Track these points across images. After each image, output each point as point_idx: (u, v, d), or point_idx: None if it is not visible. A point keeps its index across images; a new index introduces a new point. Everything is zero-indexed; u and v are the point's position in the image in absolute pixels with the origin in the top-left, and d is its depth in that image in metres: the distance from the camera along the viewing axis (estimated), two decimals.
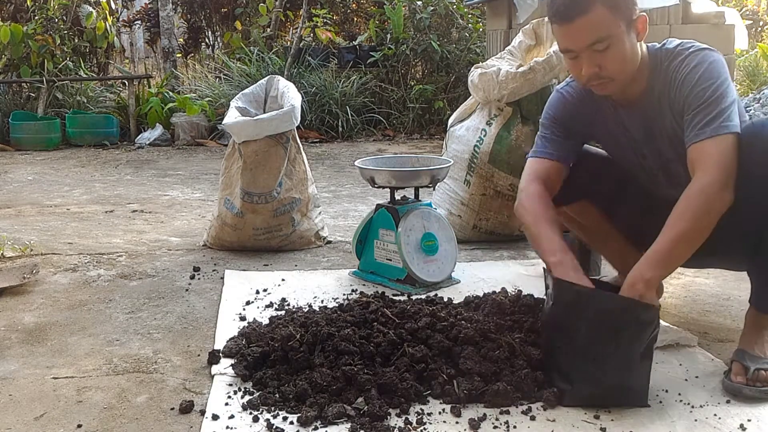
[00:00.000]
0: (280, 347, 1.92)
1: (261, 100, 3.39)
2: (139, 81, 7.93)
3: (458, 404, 1.73)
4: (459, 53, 7.64)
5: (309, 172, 3.29)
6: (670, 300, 2.47)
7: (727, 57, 4.83)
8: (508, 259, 3.03)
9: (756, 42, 8.75)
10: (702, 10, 4.94)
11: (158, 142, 6.99)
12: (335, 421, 1.65)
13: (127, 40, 11.24)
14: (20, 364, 2.04)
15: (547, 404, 1.73)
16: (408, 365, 1.83)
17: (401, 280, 2.63)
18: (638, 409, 1.72)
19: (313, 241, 3.25)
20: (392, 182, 2.66)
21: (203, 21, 10.11)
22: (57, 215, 4.00)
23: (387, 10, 7.85)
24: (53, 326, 2.32)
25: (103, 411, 1.76)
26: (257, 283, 2.68)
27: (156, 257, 3.10)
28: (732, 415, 1.69)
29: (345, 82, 7.37)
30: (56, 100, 7.44)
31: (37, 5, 7.80)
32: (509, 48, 3.39)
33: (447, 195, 3.28)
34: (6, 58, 7.55)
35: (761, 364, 1.79)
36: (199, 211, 4.06)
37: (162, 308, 2.48)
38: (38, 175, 5.49)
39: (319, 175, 4.99)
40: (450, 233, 2.71)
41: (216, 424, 1.68)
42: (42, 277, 2.79)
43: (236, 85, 7.11)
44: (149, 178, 5.29)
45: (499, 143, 3.11)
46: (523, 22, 4.84)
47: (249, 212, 3.08)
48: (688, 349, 2.04)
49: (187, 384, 1.90)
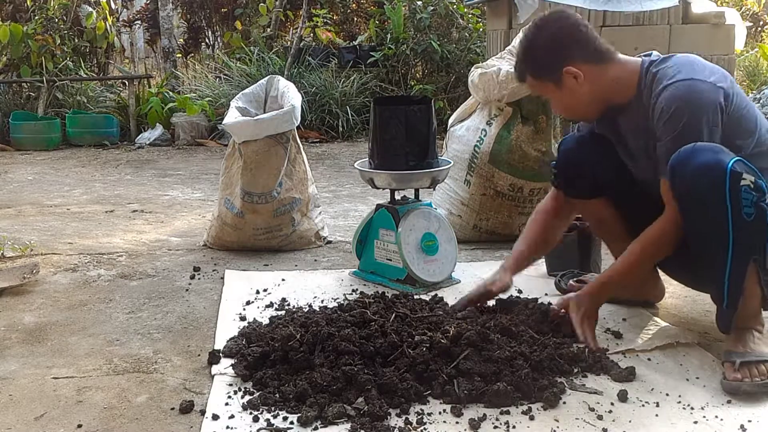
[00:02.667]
0: (280, 347, 1.92)
1: (261, 100, 3.39)
2: (139, 81, 7.92)
3: (458, 404, 1.73)
4: (459, 53, 7.63)
5: (309, 172, 3.28)
6: (671, 300, 2.47)
7: (727, 57, 4.86)
8: None
9: (756, 42, 8.75)
10: (702, 10, 4.93)
11: (158, 142, 6.98)
12: (335, 421, 1.66)
13: (127, 40, 11.23)
14: (20, 364, 2.04)
15: (547, 404, 1.73)
16: (408, 365, 1.83)
17: (401, 280, 2.63)
18: (639, 410, 1.72)
19: (313, 241, 3.25)
20: (392, 184, 2.66)
21: (203, 21, 10.10)
22: (57, 215, 4.00)
23: (387, 10, 7.85)
24: (53, 326, 2.32)
25: (103, 411, 1.76)
26: (257, 283, 2.68)
27: (156, 257, 3.10)
28: (733, 415, 1.69)
29: (345, 82, 7.36)
30: (56, 100, 7.43)
31: (37, 5, 7.80)
32: (509, 48, 3.39)
33: (447, 195, 3.28)
34: (6, 58, 7.55)
35: (746, 357, 1.84)
36: (200, 211, 4.06)
37: (162, 308, 2.48)
38: (38, 175, 5.48)
39: (319, 175, 4.99)
40: (450, 233, 2.71)
41: (216, 424, 1.68)
42: (42, 277, 2.79)
43: (236, 85, 7.10)
44: (149, 178, 5.29)
45: (500, 143, 3.11)
46: (523, 22, 4.83)
47: (249, 212, 3.08)
48: (688, 349, 2.04)
49: (187, 384, 1.90)
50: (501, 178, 3.12)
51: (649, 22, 4.79)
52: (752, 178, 1.78)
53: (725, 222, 1.78)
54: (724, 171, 1.76)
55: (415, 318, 2.09)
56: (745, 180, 1.77)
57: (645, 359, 1.99)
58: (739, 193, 1.76)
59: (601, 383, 1.85)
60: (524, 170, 3.11)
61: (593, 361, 1.93)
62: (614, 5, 4.67)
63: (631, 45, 4.52)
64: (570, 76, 2.03)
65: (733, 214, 1.77)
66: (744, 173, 1.77)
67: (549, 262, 2.77)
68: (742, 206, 1.77)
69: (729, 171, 1.76)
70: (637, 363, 1.93)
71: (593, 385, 1.84)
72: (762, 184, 1.79)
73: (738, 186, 1.76)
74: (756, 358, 1.83)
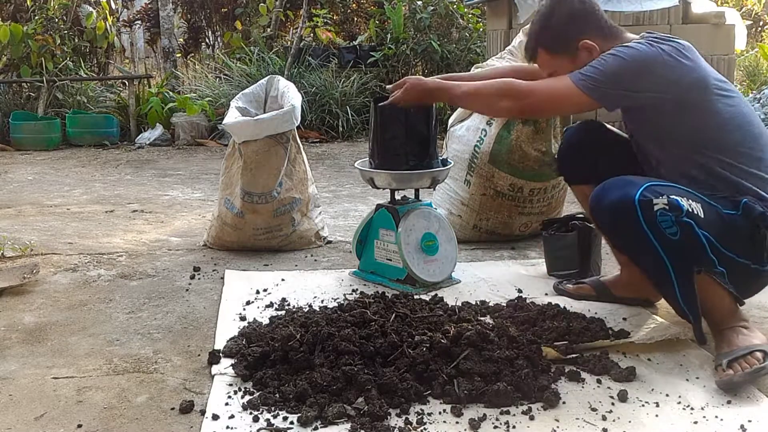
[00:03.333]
0: (280, 347, 1.92)
1: (261, 100, 3.38)
2: (140, 81, 7.92)
3: (458, 404, 1.73)
4: (459, 53, 7.63)
5: (309, 172, 3.28)
6: None
7: (727, 57, 4.87)
8: (508, 259, 3.03)
9: (756, 42, 8.75)
10: (702, 10, 4.94)
11: (158, 142, 6.98)
12: (335, 421, 1.66)
13: (128, 40, 11.23)
14: (20, 364, 2.04)
15: (547, 404, 1.73)
16: (408, 365, 1.83)
17: (401, 280, 2.63)
18: (639, 410, 1.72)
19: (313, 241, 3.25)
20: (392, 184, 2.66)
21: (203, 21, 10.11)
22: (57, 215, 4.00)
23: (387, 9, 7.85)
24: (53, 326, 2.32)
25: (103, 411, 1.76)
26: (257, 283, 2.68)
27: (156, 257, 3.10)
28: (733, 415, 1.69)
29: (345, 82, 7.37)
30: (56, 100, 7.43)
31: (37, 5, 7.80)
32: (509, 48, 3.39)
33: (447, 195, 3.28)
34: (6, 58, 7.55)
35: (732, 355, 1.87)
36: (200, 211, 4.06)
37: (162, 308, 2.48)
38: (38, 175, 5.48)
39: (319, 175, 4.99)
40: (450, 233, 2.71)
41: (216, 424, 1.68)
42: (42, 277, 2.79)
43: (236, 85, 7.10)
44: (149, 178, 5.29)
45: (500, 143, 3.11)
46: (523, 22, 4.84)
47: (249, 212, 3.08)
48: (688, 349, 2.04)
49: (187, 384, 1.90)
50: (501, 178, 3.12)
51: (649, 22, 4.79)
52: (664, 200, 1.82)
53: (653, 248, 1.84)
54: (633, 204, 1.83)
55: (415, 318, 2.09)
56: (657, 204, 1.82)
57: (645, 359, 1.99)
58: (654, 219, 1.82)
59: (602, 383, 1.85)
60: (524, 170, 3.11)
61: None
62: (614, 5, 4.67)
63: None
64: (585, 50, 2.11)
65: (658, 239, 1.83)
66: (654, 198, 1.82)
67: (549, 262, 2.77)
68: (663, 229, 1.82)
69: (637, 202, 1.82)
70: (637, 363, 1.94)
71: (593, 385, 1.84)
72: (676, 201, 1.83)
73: (652, 212, 1.82)
74: (742, 352, 1.86)
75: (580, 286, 2.48)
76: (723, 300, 1.94)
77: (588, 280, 2.51)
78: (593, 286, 2.45)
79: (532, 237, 3.27)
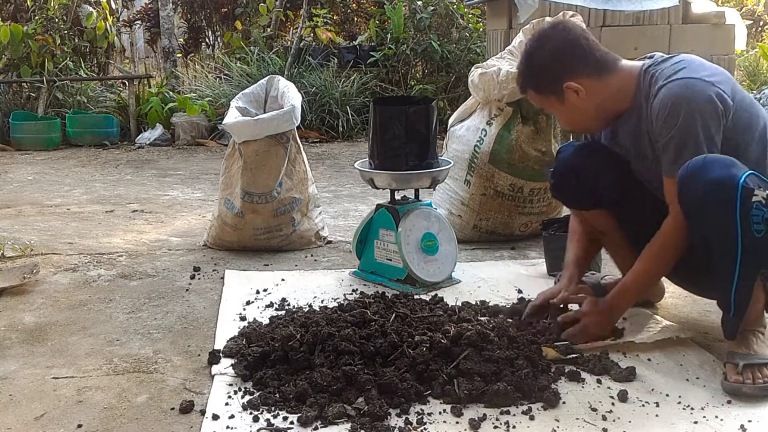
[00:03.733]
0: (280, 347, 1.92)
1: (261, 100, 3.39)
2: (140, 81, 7.92)
3: (458, 404, 1.73)
4: (459, 53, 7.63)
5: (309, 172, 3.28)
6: (671, 300, 2.47)
7: (727, 57, 4.86)
8: (508, 259, 3.02)
9: (756, 42, 8.75)
10: (702, 10, 4.93)
11: (158, 142, 6.98)
12: (335, 421, 1.65)
13: (128, 40, 11.23)
14: (20, 364, 2.04)
15: (547, 404, 1.73)
16: (408, 365, 1.83)
17: (401, 280, 2.63)
18: (639, 410, 1.72)
19: (313, 241, 3.25)
20: (392, 184, 2.66)
21: (203, 21, 10.11)
22: (57, 215, 4.00)
23: (387, 9, 7.84)
24: (53, 326, 2.32)
25: (103, 411, 1.76)
26: (257, 283, 2.68)
27: (156, 257, 3.10)
28: (733, 416, 1.69)
29: (345, 82, 7.36)
30: (56, 100, 7.43)
31: (37, 5, 7.80)
32: (509, 48, 3.39)
33: (447, 195, 3.28)
34: (6, 58, 7.55)
35: (750, 360, 1.83)
36: (200, 211, 4.06)
37: (162, 308, 2.48)
38: (38, 175, 5.48)
39: (319, 175, 4.99)
40: (450, 233, 2.71)
41: (216, 424, 1.68)
42: (42, 277, 2.79)
43: (236, 85, 7.10)
44: (149, 178, 5.29)
45: (500, 143, 3.11)
46: (523, 22, 4.83)
47: (249, 212, 3.08)
48: (688, 349, 2.04)
49: (187, 384, 1.90)
50: (501, 178, 3.12)
51: (649, 22, 4.79)
52: (764, 193, 1.73)
53: (734, 238, 1.75)
54: (736, 187, 1.72)
55: (415, 318, 2.09)
56: (756, 196, 1.73)
57: (645, 359, 1.99)
58: (749, 211, 1.73)
59: (602, 383, 1.85)
60: (524, 170, 3.11)
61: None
62: (614, 5, 4.67)
63: (631, 45, 4.52)
64: (571, 92, 2.00)
65: (743, 232, 1.74)
66: (756, 189, 1.73)
67: (549, 262, 2.77)
68: (752, 223, 1.73)
69: (740, 187, 1.72)
70: (637, 363, 1.94)
71: (593, 385, 1.84)
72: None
73: (749, 203, 1.72)
74: (759, 361, 1.83)
75: (582, 284, 2.46)
76: (758, 303, 1.90)
77: (588, 282, 2.50)
78: (593, 288, 2.43)
79: (532, 237, 3.27)
